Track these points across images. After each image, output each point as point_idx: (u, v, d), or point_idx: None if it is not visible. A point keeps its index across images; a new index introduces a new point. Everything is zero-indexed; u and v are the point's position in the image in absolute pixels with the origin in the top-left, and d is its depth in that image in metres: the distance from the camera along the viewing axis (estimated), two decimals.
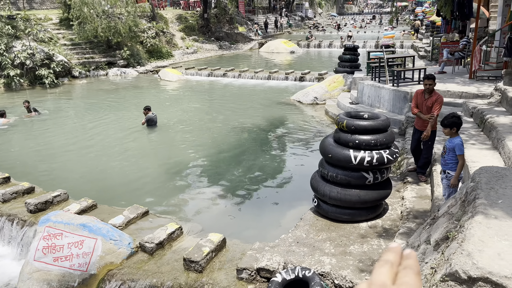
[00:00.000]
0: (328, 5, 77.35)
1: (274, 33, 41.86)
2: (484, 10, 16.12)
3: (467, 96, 9.52)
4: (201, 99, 16.72)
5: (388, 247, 0.51)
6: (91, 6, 21.15)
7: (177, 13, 33.70)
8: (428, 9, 39.36)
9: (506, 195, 3.37)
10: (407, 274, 0.48)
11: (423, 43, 25.40)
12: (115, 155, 10.14)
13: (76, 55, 22.23)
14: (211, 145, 10.70)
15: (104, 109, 14.81)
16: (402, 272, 0.48)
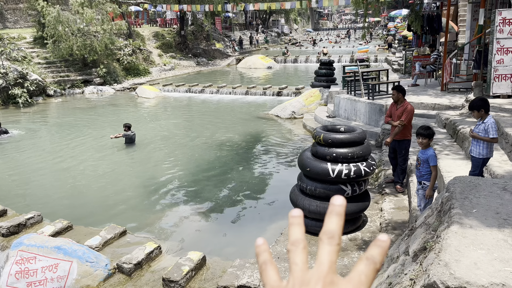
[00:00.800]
0: (304, 21, 78.79)
1: (251, 49, 42.26)
2: (452, 24, 16.70)
3: (439, 108, 9.77)
4: (179, 116, 16.64)
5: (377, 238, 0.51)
6: (66, 25, 20.93)
7: (154, 30, 33.69)
8: (400, 24, 40.53)
9: (480, 204, 3.44)
10: (365, 264, 0.48)
11: (396, 57, 26.08)
12: (91, 174, 9.93)
13: (51, 74, 21.87)
14: (189, 162, 10.61)
15: (80, 127, 14.56)
16: (362, 260, 0.48)
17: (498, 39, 7.93)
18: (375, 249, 0.49)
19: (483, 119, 4.87)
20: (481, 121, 4.88)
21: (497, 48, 7.95)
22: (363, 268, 0.47)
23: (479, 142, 4.90)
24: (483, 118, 4.89)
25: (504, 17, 7.87)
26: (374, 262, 0.48)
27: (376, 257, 0.48)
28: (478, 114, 4.88)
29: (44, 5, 21.34)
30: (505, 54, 7.92)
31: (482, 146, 4.89)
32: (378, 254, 0.48)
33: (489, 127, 4.79)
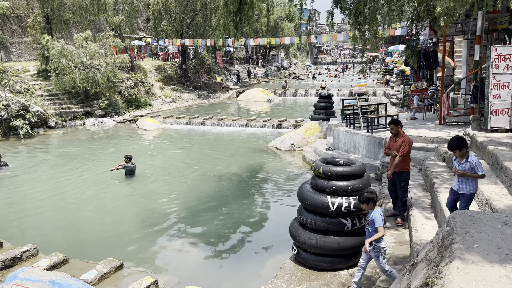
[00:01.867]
0: (303, 56, 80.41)
1: (252, 83, 42.91)
2: (449, 60, 17.05)
3: (438, 141, 9.82)
4: (179, 148, 16.69)
5: None
6: (69, 58, 21.35)
7: (155, 64, 34.34)
8: (397, 59, 41.35)
9: (481, 239, 3.40)
10: None
11: (394, 91, 26.43)
12: (89, 206, 9.85)
13: (53, 106, 22.11)
14: (188, 194, 10.55)
15: (80, 159, 14.57)
16: None
17: (494, 74, 8.07)
18: None
19: (466, 158, 4.94)
20: (465, 160, 4.94)
21: (494, 83, 8.08)
22: None
23: (468, 180, 4.95)
24: (465, 156, 4.96)
25: (500, 53, 8.04)
26: None
27: None
28: (460, 153, 4.95)
29: (49, 39, 21.85)
30: (502, 89, 8.04)
31: (471, 183, 4.96)
32: None
33: (476, 165, 4.90)
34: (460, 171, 4.94)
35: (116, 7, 27.77)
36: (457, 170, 5.00)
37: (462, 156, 4.96)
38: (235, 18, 9.03)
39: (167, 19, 30.55)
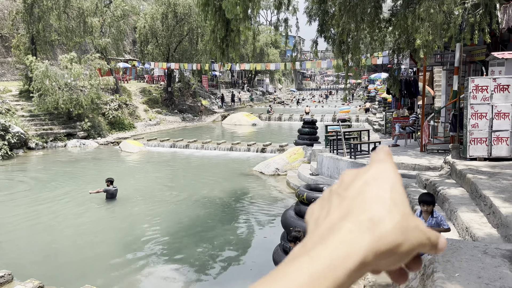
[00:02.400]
0: (288, 81, 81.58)
1: (237, 106, 43.19)
2: (429, 89, 17.53)
3: (419, 168, 9.99)
4: (162, 171, 16.53)
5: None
6: (53, 79, 21.21)
7: (141, 86, 34.32)
8: (380, 87, 42.33)
9: (462, 268, 3.44)
10: (377, 153, 0.46)
11: (377, 117, 26.93)
12: (68, 231, 9.61)
13: (34, 127, 21.77)
14: (171, 219, 10.41)
15: (60, 181, 14.28)
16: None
17: (472, 104, 8.33)
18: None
19: (432, 214, 5.13)
20: (431, 216, 5.11)
21: (472, 113, 8.33)
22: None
23: None
24: (430, 213, 5.15)
25: (477, 84, 8.32)
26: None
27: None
28: (430, 208, 5.14)
29: (33, 60, 21.71)
30: (479, 118, 8.29)
31: None
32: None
33: (442, 220, 5.09)
34: (430, 228, 5.14)
35: (102, 29, 27.88)
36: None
37: (428, 213, 5.15)
38: (222, 45, 9.17)
39: (154, 43, 30.77)
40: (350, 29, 9.38)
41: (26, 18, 23.79)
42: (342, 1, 9.03)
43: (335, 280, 0.34)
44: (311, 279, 0.33)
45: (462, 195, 6.74)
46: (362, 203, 0.38)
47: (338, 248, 0.35)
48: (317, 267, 0.34)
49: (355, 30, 9.38)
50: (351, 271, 0.34)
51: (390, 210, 0.37)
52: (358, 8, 8.85)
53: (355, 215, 0.37)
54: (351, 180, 0.42)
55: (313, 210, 0.43)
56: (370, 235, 0.36)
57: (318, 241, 0.36)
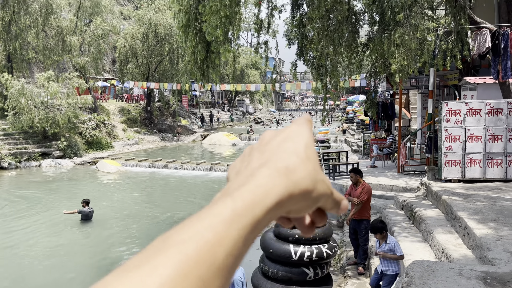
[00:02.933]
0: (268, 102, 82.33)
1: (217, 126, 43.19)
2: (405, 111, 17.98)
3: (397, 189, 10.14)
4: (140, 191, 16.26)
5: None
6: (29, 97, 20.82)
7: (120, 105, 34.02)
8: (358, 108, 43.12)
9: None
10: (298, 118, 0.50)
11: (355, 139, 27.33)
12: (40, 254, 9.28)
13: (7, 146, 21.19)
14: (149, 241, 10.16)
15: (33, 202, 13.85)
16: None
17: (446, 127, 8.57)
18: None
19: (385, 240, 5.26)
20: (384, 243, 5.24)
21: (446, 136, 8.56)
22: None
23: (391, 261, 5.29)
24: (385, 239, 5.28)
25: (450, 108, 8.59)
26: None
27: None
28: (381, 236, 5.28)
29: (9, 78, 21.32)
30: (453, 141, 8.52)
31: (394, 264, 5.33)
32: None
33: (395, 246, 5.25)
34: (381, 253, 5.28)
35: (82, 48, 27.70)
36: (377, 252, 5.37)
37: (383, 238, 5.27)
38: (202, 66, 9.24)
39: (134, 62, 30.70)
40: (328, 53, 9.60)
41: (3, 36, 23.46)
42: (320, 25, 9.26)
43: (254, 216, 0.38)
44: (233, 215, 0.37)
45: (438, 216, 6.86)
46: (279, 154, 0.42)
47: (257, 188, 0.39)
48: (238, 204, 0.38)
49: (333, 54, 9.61)
50: (268, 209, 0.38)
51: (303, 161, 0.42)
52: (336, 32, 9.09)
53: (273, 163, 0.41)
54: (270, 138, 0.46)
55: (235, 165, 0.46)
56: (286, 180, 0.40)
57: (239, 185, 0.40)
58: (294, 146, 0.43)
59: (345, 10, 9.35)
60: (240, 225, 0.37)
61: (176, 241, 0.36)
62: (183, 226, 0.38)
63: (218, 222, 0.37)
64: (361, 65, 12.36)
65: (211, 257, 0.35)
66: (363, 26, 11.30)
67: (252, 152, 0.45)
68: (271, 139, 0.46)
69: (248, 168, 0.43)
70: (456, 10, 8.58)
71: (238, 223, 0.37)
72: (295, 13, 10.09)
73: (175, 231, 0.38)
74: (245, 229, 0.37)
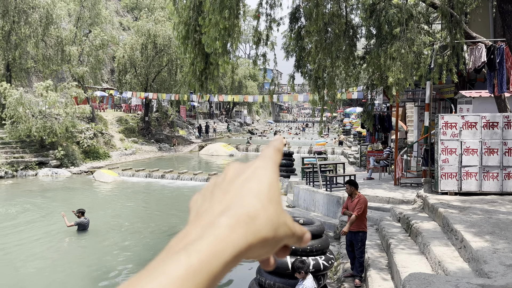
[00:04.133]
0: (265, 113, 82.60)
1: (215, 137, 43.24)
2: (402, 124, 18.08)
3: (394, 202, 10.16)
4: (136, 201, 16.21)
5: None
6: (27, 106, 20.84)
7: (117, 115, 34.05)
8: (355, 120, 43.32)
9: None
10: (267, 148, 0.49)
11: (352, 150, 27.38)
12: (36, 263, 9.22)
13: (4, 154, 21.14)
14: (144, 252, 10.14)
15: (29, 211, 13.78)
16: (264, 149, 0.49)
17: (442, 140, 8.63)
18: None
19: (303, 280, 5.28)
20: (302, 281, 5.26)
21: (442, 149, 8.62)
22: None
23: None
24: (304, 279, 5.30)
25: (446, 121, 8.66)
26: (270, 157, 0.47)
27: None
28: (300, 276, 5.29)
29: (7, 87, 21.35)
30: (449, 154, 8.57)
31: None
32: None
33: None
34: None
35: (81, 58, 27.83)
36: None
37: (303, 278, 5.29)
38: (201, 77, 9.31)
39: (132, 72, 30.82)
40: (326, 65, 9.71)
41: (3, 45, 23.55)
42: (318, 38, 9.38)
43: (211, 272, 0.36)
44: (187, 273, 0.35)
45: (434, 229, 6.87)
46: (241, 198, 0.41)
47: (215, 242, 0.37)
48: (194, 261, 0.36)
49: (331, 66, 9.71)
50: (226, 262, 0.37)
51: (264, 206, 0.41)
52: (333, 45, 9.20)
53: (233, 210, 0.39)
54: (234, 174, 0.44)
55: (197, 200, 0.45)
56: (246, 230, 0.39)
57: (197, 236, 0.38)
58: (257, 187, 0.42)
59: (343, 24, 9.48)
60: (196, 282, 0.35)
61: None
62: (132, 286, 0.35)
63: (169, 283, 0.34)
64: (358, 78, 12.47)
65: None
66: (360, 39, 11.45)
67: (215, 190, 0.44)
68: (236, 176, 0.44)
69: (209, 212, 0.41)
70: (452, 25, 8.71)
71: (193, 281, 0.35)
72: (293, 26, 10.21)
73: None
74: (201, 285, 0.35)
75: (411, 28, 8.37)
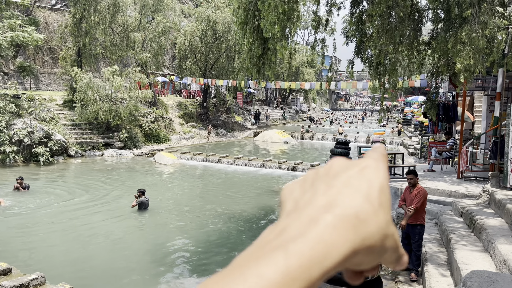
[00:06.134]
0: (322, 100, 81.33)
1: (270, 124, 43.38)
2: (468, 114, 17.01)
3: (456, 195, 9.65)
4: (194, 184, 16.75)
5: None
6: (95, 90, 22.11)
7: (177, 100, 35.16)
8: (416, 110, 41.41)
9: None
10: (372, 152, 0.43)
11: (412, 141, 26.29)
12: (100, 238, 9.87)
13: (74, 135, 22.68)
14: (200, 232, 10.49)
15: (95, 189, 14.73)
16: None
17: None
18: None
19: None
20: None
21: None
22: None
23: None
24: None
25: None
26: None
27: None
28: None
29: (78, 71, 22.76)
30: None
31: None
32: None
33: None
34: None
35: (144, 44, 28.93)
36: None
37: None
38: (258, 63, 9.32)
39: (192, 59, 31.59)
40: (387, 51, 9.31)
41: (74, 32, 25.05)
42: (380, 23, 9.00)
43: (309, 280, 0.32)
44: (284, 279, 0.31)
45: (501, 226, 6.45)
46: (349, 196, 0.36)
47: (318, 245, 0.33)
48: (293, 264, 0.31)
49: (393, 52, 9.30)
50: (327, 270, 0.33)
51: (375, 211, 0.36)
52: (396, 30, 8.79)
53: (340, 208, 0.35)
54: (340, 169, 0.39)
55: (293, 189, 0.40)
56: (353, 234, 0.34)
57: (298, 233, 0.34)
58: (368, 188, 0.37)
59: (408, 7, 9.02)
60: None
61: None
62: (222, 284, 0.32)
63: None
64: (422, 65, 11.84)
65: None
66: (426, 23, 10.83)
67: (316, 182, 0.39)
68: (341, 170, 0.39)
69: (311, 206, 0.36)
70: None
71: (290, 287, 0.31)
72: (355, 10, 9.88)
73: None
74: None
75: (484, 10, 7.77)
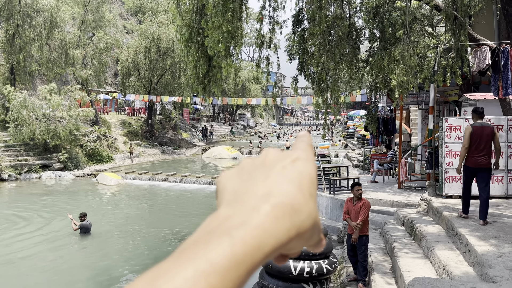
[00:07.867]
0: (269, 116, 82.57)
1: (218, 140, 43.25)
2: (406, 127, 17.98)
3: (397, 205, 10.09)
4: (139, 204, 16.20)
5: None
6: (31, 109, 20.91)
7: (121, 118, 34.13)
8: (358, 123, 43.18)
9: None
10: (299, 142, 0.46)
11: (356, 153, 27.33)
12: (38, 266, 9.21)
13: (8, 157, 21.21)
14: (147, 255, 10.12)
15: (31, 215, 13.80)
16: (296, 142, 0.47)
17: (447, 143, 8.58)
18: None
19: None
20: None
21: (446, 152, 8.56)
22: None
23: None
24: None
25: (451, 124, 8.61)
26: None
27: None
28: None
29: (11, 90, 21.44)
30: (454, 157, 8.51)
31: None
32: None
33: None
34: None
35: (84, 61, 27.93)
36: None
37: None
38: (204, 80, 9.30)
39: (136, 75, 30.91)
40: (329, 68, 9.67)
41: (7, 49, 23.68)
42: (321, 41, 9.35)
43: (252, 264, 0.35)
44: (230, 263, 0.34)
45: (439, 233, 6.81)
46: (283, 186, 0.39)
47: (260, 233, 0.36)
48: (239, 251, 0.34)
49: (334, 69, 9.67)
50: (267, 255, 0.36)
51: (307, 200, 0.39)
52: (337, 48, 9.17)
53: (276, 198, 0.38)
54: (274, 160, 0.43)
55: (229, 178, 0.43)
56: (289, 223, 0.37)
57: (241, 221, 0.36)
58: (299, 178, 0.40)
59: (346, 26, 9.45)
60: (237, 273, 0.34)
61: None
62: (172, 267, 0.33)
63: (212, 272, 0.33)
64: (361, 81, 12.43)
65: None
66: (364, 42, 11.41)
67: (254, 172, 0.42)
68: (275, 161, 0.42)
69: (251, 194, 0.39)
70: (456, 27, 8.66)
71: (236, 271, 0.34)
72: (297, 29, 10.19)
73: (162, 275, 0.33)
74: (241, 277, 0.34)
75: (415, 31, 8.33)
